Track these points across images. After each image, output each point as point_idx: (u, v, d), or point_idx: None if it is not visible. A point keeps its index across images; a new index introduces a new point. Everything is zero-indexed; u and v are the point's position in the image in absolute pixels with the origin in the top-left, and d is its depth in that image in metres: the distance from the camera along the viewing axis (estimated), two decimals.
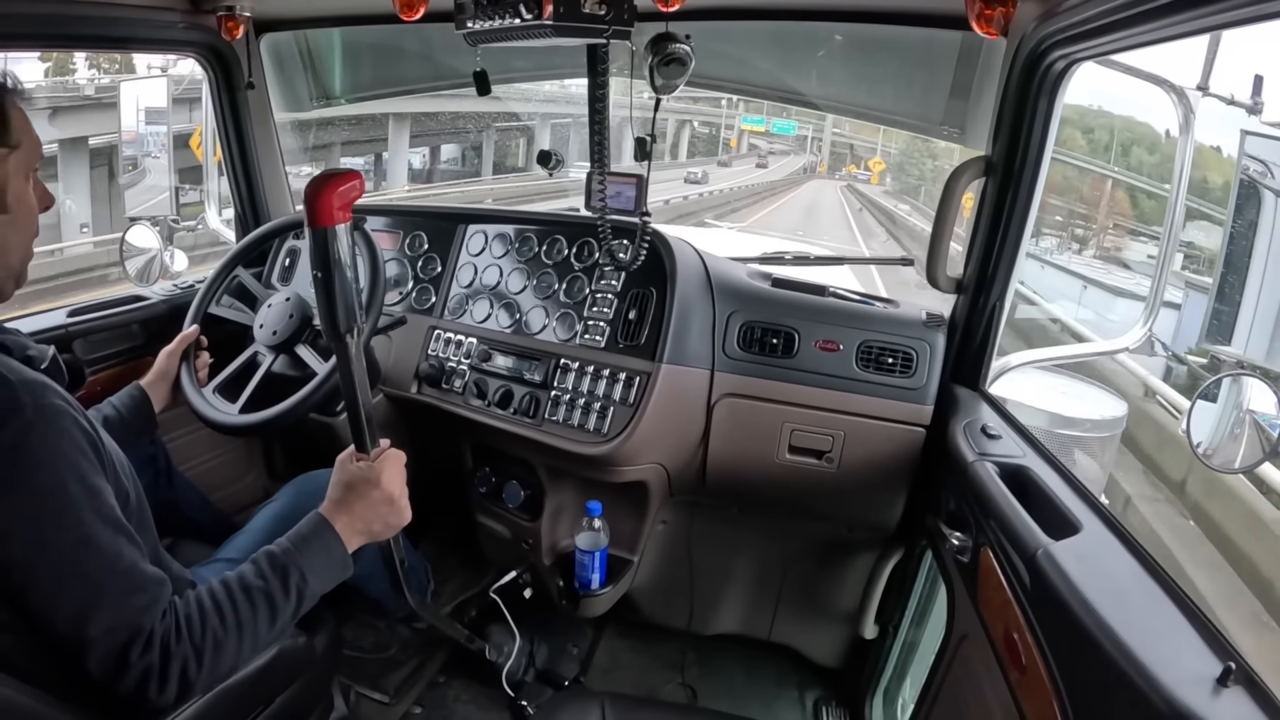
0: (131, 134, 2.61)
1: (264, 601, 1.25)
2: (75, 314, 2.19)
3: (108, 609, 1.11)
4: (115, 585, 1.13)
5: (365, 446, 1.46)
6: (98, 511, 1.14)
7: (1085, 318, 8.30)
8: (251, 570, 1.28)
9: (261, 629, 1.25)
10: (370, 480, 1.43)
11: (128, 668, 1.11)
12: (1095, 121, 12.90)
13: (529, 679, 2.37)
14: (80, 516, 1.12)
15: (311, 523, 1.38)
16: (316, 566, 1.33)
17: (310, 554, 1.33)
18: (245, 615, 1.23)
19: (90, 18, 1.98)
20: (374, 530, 1.45)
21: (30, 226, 1.29)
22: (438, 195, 19.69)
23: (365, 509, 1.42)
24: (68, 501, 1.11)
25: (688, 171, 37.61)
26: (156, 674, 1.12)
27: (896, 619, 2.15)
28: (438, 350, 2.22)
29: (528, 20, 1.55)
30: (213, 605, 1.21)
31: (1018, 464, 1.54)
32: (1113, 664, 0.97)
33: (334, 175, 1.29)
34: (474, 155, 26.41)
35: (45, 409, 1.12)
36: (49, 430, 1.12)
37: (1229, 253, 1.44)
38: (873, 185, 45.43)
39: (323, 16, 2.57)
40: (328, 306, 1.37)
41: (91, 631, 1.10)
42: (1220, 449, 1.43)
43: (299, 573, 1.30)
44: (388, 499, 1.44)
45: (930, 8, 1.89)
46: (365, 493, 1.42)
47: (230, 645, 1.20)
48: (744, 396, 1.98)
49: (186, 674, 1.15)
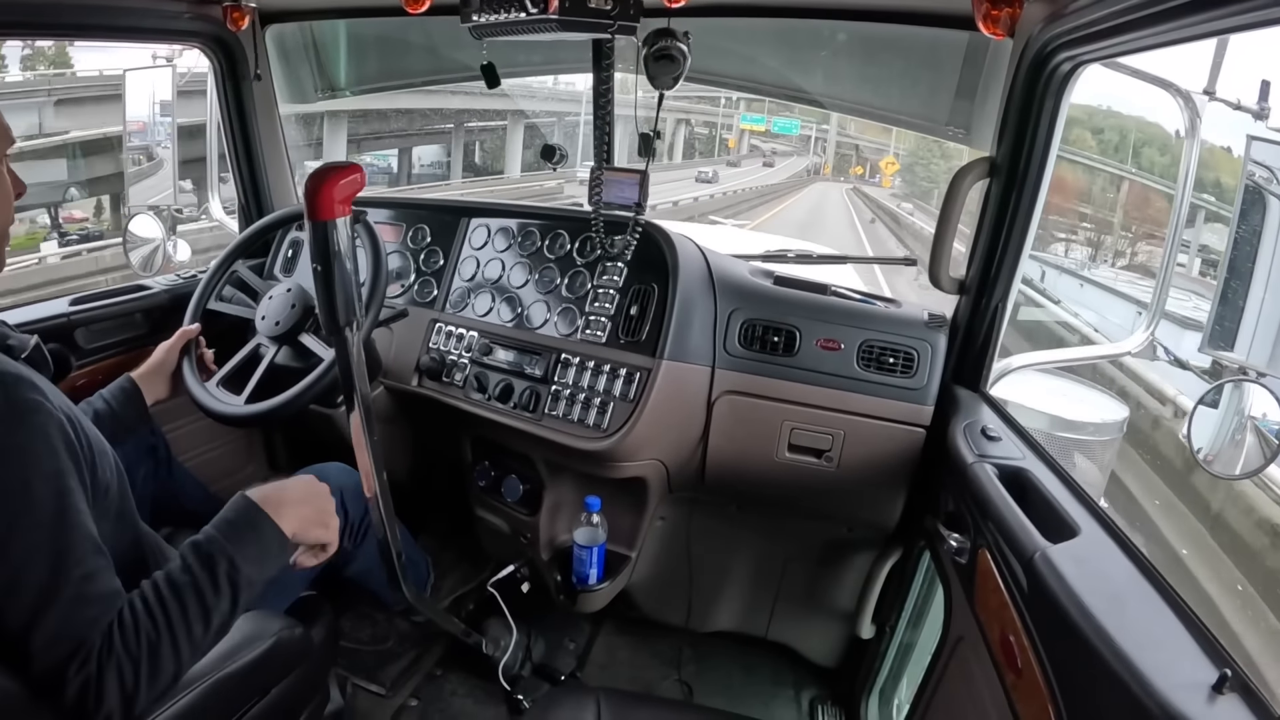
0: (140, 124, 2.61)
1: (194, 597, 1.17)
2: (78, 302, 2.19)
3: (55, 618, 1.06)
4: (67, 595, 1.07)
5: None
6: (62, 516, 1.10)
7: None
8: (178, 566, 1.20)
9: (196, 628, 1.17)
10: (306, 486, 1.43)
11: (65, 682, 1.06)
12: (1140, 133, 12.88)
13: (525, 673, 2.38)
14: (40, 521, 1.08)
15: (235, 506, 1.31)
16: (248, 552, 1.25)
17: (238, 539, 1.26)
18: (175, 615, 1.15)
19: (96, 7, 1.98)
20: (306, 522, 1.38)
21: (6, 213, 1.28)
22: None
23: (298, 501, 1.38)
24: (30, 504, 1.07)
25: (699, 170, 37.78)
26: (93, 688, 1.06)
27: (893, 619, 2.15)
28: (439, 343, 2.22)
29: (533, 14, 1.56)
30: (144, 609, 1.13)
31: (1017, 466, 1.54)
32: (1108, 668, 0.97)
33: (335, 169, 1.29)
34: (441, 156, 25.66)
35: (17, 404, 1.09)
36: (19, 426, 1.09)
37: (1233, 258, 1.44)
38: (884, 188, 43.61)
39: (328, 8, 2.57)
40: (327, 300, 1.37)
41: (36, 641, 1.05)
42: (1221, 455, 1.43)
43: (227, 561, 1.22)
44: (319, 499, 1.43)
45: (937, 8, 1.89)
46: (299, 489, 1.41)
47: (165, 649, 1.12)
48: (744, 394, 1.98)
49: (124, 685, 1.08)
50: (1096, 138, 16.23)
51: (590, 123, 1.97)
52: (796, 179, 50.68)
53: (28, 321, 2.04)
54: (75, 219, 18.75)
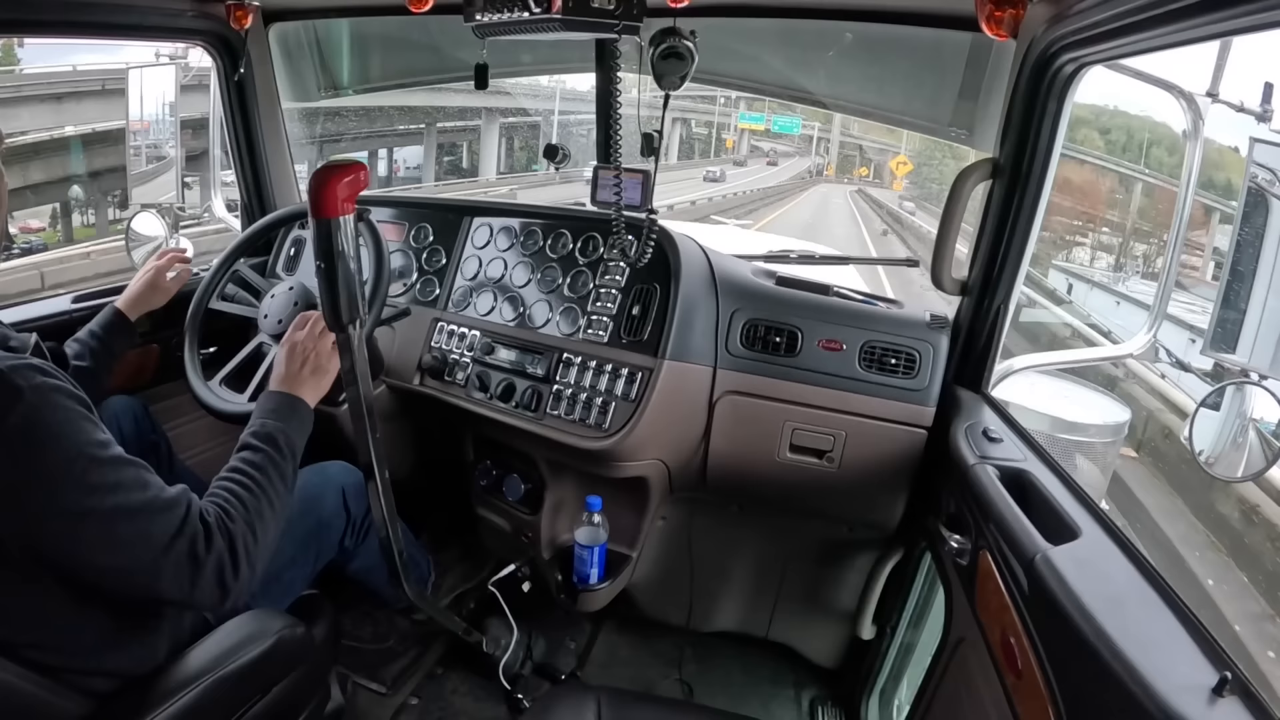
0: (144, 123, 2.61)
1: (270, 465, 1.44)
2: (79, 300, 2.19)
3: (160, 529, 1.20)
4: (157, 506, 1.21)
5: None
6: (115, 458, 1.20)
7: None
8: (245, 449, 1.46)
9: (278, 486, 1.43)
10: (285, 346, 1.70)
11: (201, 565, 1.23)
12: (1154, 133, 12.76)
13: (526, 672, 2.38)
14: (102, 470, 1.17)
15: (269, 397, 1.60)
16: (293, 425, 1.55)
17: (285, 418, 1.54)
18: (262, 480, 1.40)
19: (100, 4, 1.99)
20: (319, 379, 1.69)
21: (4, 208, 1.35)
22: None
23: (302, 371, 1.66)
24: (88, 462, 1.15)
25: (706, 170, 37.59)
26: (228, 559, 1.26)
27: (894, 620, 2.15)
28: (441, 342, 2.22)
29: (537, 14, 1.55)
30: (237, 486, 1.37)
31: (1018, 468, 1.54)
32: (1109, 671, 0.97)
33: (338, 167, 1.29)
34: (411, 157, 24.80)
35: (40, 388, 1.14)
36: (50, 405, 1.15)
37: (1235, 260, 1.44)
38: (895, 190, 40.40)
39: (331, 7, 2.58)
40: (330, 298, 1.37)
41: (156, 554, 1.19)
42: (1223, 457, 1.43)
43: (283, 434, 1.50)
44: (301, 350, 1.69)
45: (940, 9, 1.89)
46: (295, 352, 1.68)
47: (267, 512, 1.38)
48: (746, 394, 1.98)
49: (248, 549, 1.30)
50: (1106, 138, 16.11)
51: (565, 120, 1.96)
52: (797, 180, 48.38)
53: (29, 319, 2.05)
54: (31, 229, 18.31)
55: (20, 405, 1.11)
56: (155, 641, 1.40)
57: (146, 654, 1.38)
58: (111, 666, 1.33)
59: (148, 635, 1.38)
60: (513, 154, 26.84)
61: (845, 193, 45.97)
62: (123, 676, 1.34)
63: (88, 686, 1.29)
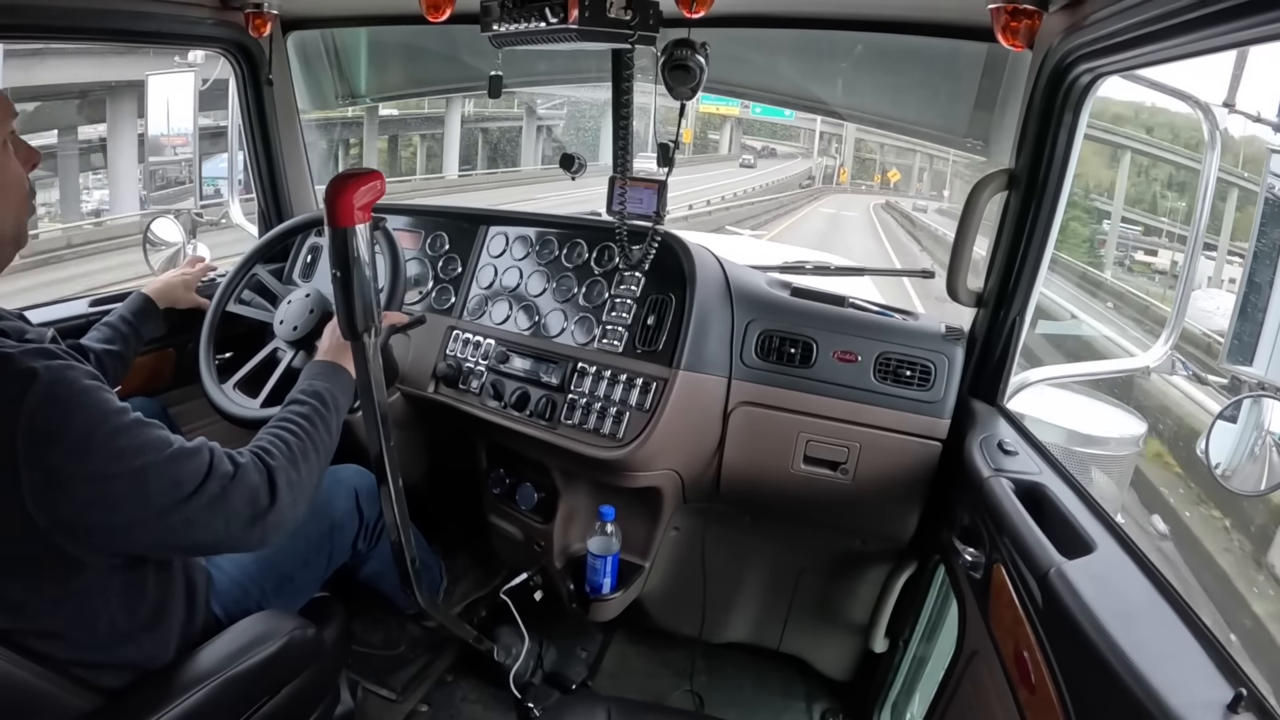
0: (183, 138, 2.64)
1: (317, 415, 1.52)
2: (97, 304, 2.21)
3: (187, 477, 1.24)
4: (180, 459, 1.24)
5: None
6: (135, 422, 1.22)
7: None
8: (291, 404, 1.55)
9: (322, 434, 1.51)
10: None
11: (229, 494, 1.27)
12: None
13: (536, 681, 2.37)
14: (127, 434, 1.19)
15: (317, 364, 1.68)
16: (340, 386, 1.63)
17: (332, 380, 1.62)
18: (308, 427, 1.48)
19: (120, 11, 2.01)
20: (339, 346, 1.71)
21: (17, 195, 1.32)
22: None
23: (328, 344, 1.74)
24: (110, 428, 1.18)
25: (743, 158, 36.98)
26: (264, 486, 1.32)
27: (907, 633, 2.14)
28: (456, 351, 2.22)
29: (553, 24, 1.56)
30: (282, 430, 1.45)
31: (1033, 481, 1.53)
32: (1122, 686, 0.96)
33: (355, 175, 1.30)
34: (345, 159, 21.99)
35: (54, 367, 1.16)
36: (64, 381, 1.16)
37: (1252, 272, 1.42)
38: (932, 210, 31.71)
39: (349, 16, 2.59)
40: (346, 306, 1.38)
41: (188, 496, 1.23)
42: (1239, 471, 1.42)
43: (330, 395, 1.58)
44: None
45: (956, 19, 1.89)
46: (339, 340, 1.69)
47: (310, 453, 1.45)
48: (760, 405, 1.98)
49: (290, 481, 1.36)
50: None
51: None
52: (791, 190, 38.12)
53: (47, 322, 2.06)
54: None
55: (36, 385, 1.12)
56: (167, 638, 1.40)
57: (158, 650, 1.39)
58: (123, 661, 1.33)
59: (159, 631, 1.39)
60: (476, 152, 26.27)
61: (868, 207, 36.33)
62: (134, 672, 1.35)
63: (99, 682, 1.29)
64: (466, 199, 15.96)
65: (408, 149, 24.90)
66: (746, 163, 38.95)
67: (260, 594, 1.64)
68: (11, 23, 1.84)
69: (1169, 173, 16.51)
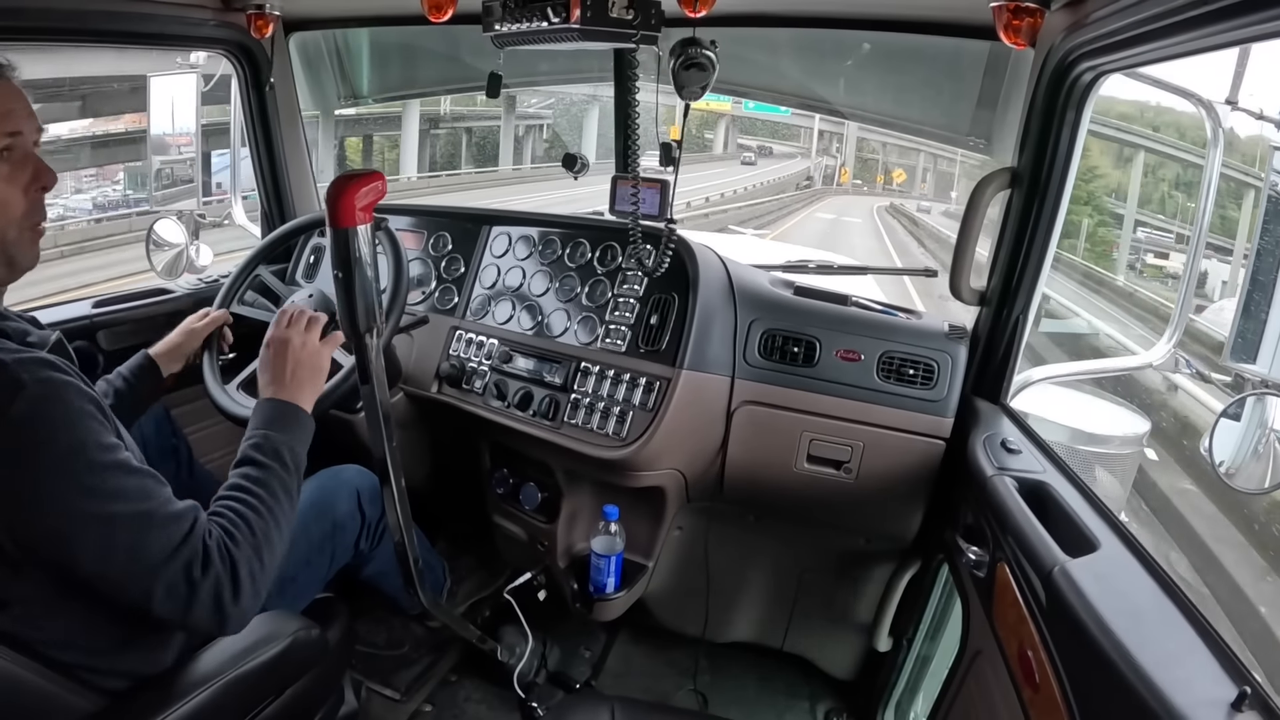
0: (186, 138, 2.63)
1: (277, 482, 1.38)
2: (100, 305, 2.21)
3: (156, 545, 1.16)
4: (155, 521, 1.17)
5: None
6: (119, 464, 1.17)
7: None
8: (248, 466, 1.40)
9: (285, 506, 1.37)
10: (275, 347, 1.61)
11: (197, 588, 1.18)
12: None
13: (540, 681, 2.37)
14: (105, 472, 1.15)
15: (264, 407, 1.51)
16: (296, 435, 1.48)
17: (283, 427, 1.47)
18: (269, 500, 1.34)
19: (122, 13, 2.01)
20: (306, 380, 1.59)
21: (9, 209, 1.25)
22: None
23: (288, 369, 1.57)
24: (89, 461, 1.14)
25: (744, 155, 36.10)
26: (228, 583, 1.21)
27: (911, 632, 2.13)
28: (459, 350, 2.22)
29: (555, 24, 1.56)
30: (241, 504, 1.31)
31: (1037, 479, 1.53)
32: (1127, 685, 0.96)
33: (356, 176, 1.30)
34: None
35: (45, 382, 1.13)
36: (54, 400, 1.13)
37: (1255, 270, 1.42)
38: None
39: (351, 16, 2.60)
40: (347, 306, 1.38)
41: (149, 570, 1.15)
42: (1243, 469, 1.42)
43: (287, 448, 1.43)
44: (291, 347, 1.60)
45: (958, 18, 1.89)
46: (278, 357, 1.59)
47: (272, 532, 1.32)
48: (764, 404, 1.98)
49: (253, 575, 1.25)
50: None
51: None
52: (790, 187, 37.84)
53: (51, 323, 2.06)
54: None
55: (22, 397, 1.10)
56: (170, 641, 1.40)
57: (161, 653, 1.38)
58: (126, 665, 1.33)
59: (163, 634, 1.38)
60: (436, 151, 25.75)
61: (872, 211, 34.70)
62: (137, 675, 1.34)
63: (102, 684, 1.29)
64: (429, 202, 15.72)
65: (355, 152, 23.81)
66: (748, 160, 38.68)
67: None
68: (13, 25, 1.83)
69: (1182, 172, 16.43)
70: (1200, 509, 6.22)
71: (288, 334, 1.62)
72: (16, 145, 1.26)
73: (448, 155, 26.16)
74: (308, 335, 1.64)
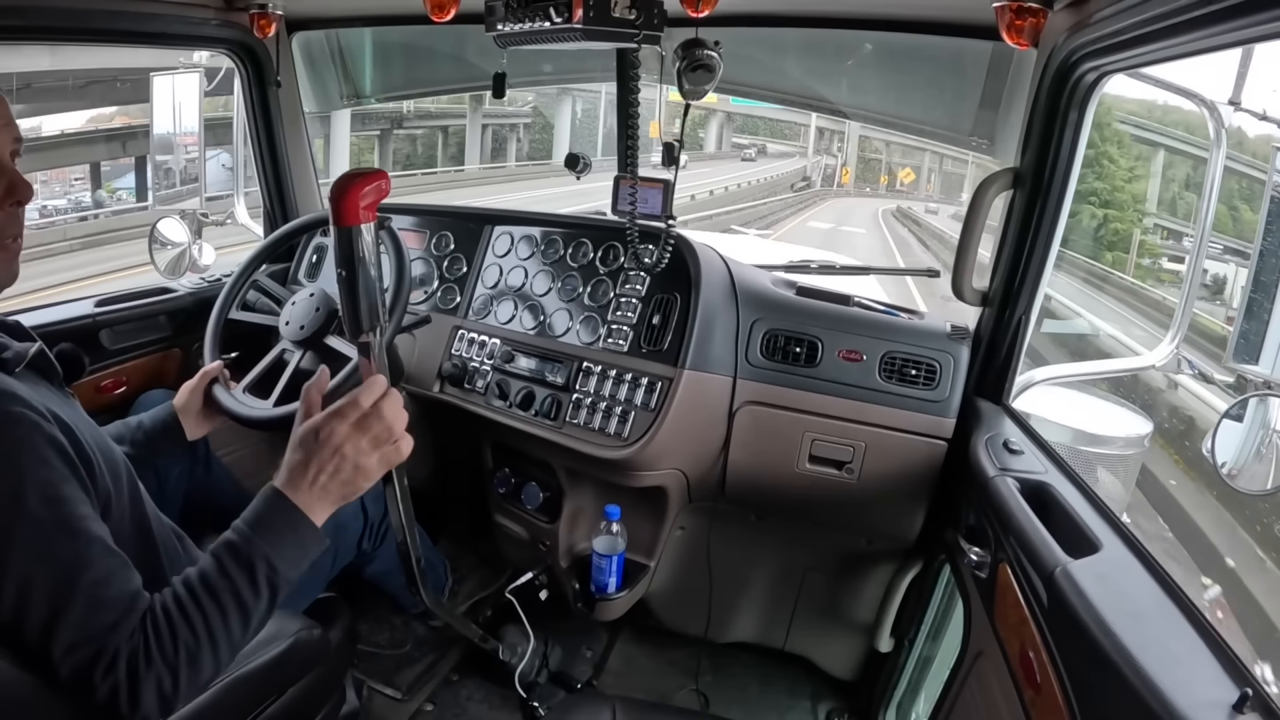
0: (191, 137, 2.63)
1: (233, 602, 1.14)
2: (103, 304, 2.21)
3: (70, 626, 1.04)
4: (78, 601, 1.05)
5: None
6: (64, 526, 1.08)
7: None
8: (213, 567, 1.15)
9: (235, 631, 1.14)
10: (337, 418, 1.28)
11: (93, 688, 1.04)
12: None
13: (542, 680, 2.37)
14: (39, 532, 1.05)
15: (266, 502, 1.23)
16: (285, 553, 1.19)
17: (275, 539, 1.19)
18: (215, 620, 1.12)
19: (124, 12, 2.02)
20: (353, 484, 1.29)
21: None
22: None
23: (334, 463, 1.27)
24: (22, 515, 1.04)
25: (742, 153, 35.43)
26: (125, 693, 1.04)
27: (912, 633, 2.13)
28: (461, 350, 2.23)
29: (557, 23, 1.56)
30: (179, 613, 1.10)
31: (1039, 480, 1.53)
32: (1128, 686, 0.96)
33: (360, 175, 1.30)
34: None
35: (3, 417, 1.06)
36: (2, 441, 1.06)
37: (1258, 271, 1.42)
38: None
39: (354, 16, 2.60)
40: (351, 305, 1.38)
41: (55, 649, 1.04)
42: (1246, 470, 1.42)
43: (265, 563, 1.16)
44: (373, 438, 1.31)
45: (961, 18, 1.89)
46: (330, 441, 1.26)
47: (205, 655, 1.11)
48: (766, 404, 1.98)
49: (163, 691, 1.07)
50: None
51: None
52: (784, 189, 35.00)
53: (53, 322, 2.06)
54: None
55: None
56: None
57: None
58: None
59: None
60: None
61: (876, 216, 31.61)
62: None
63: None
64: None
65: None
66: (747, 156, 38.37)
67: None
68: (16, 24, 1.84)
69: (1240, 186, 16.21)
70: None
71: (349, 434, 1.28)
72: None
73: (404, 156, 25.43)
74: (371, 449, 1.32)
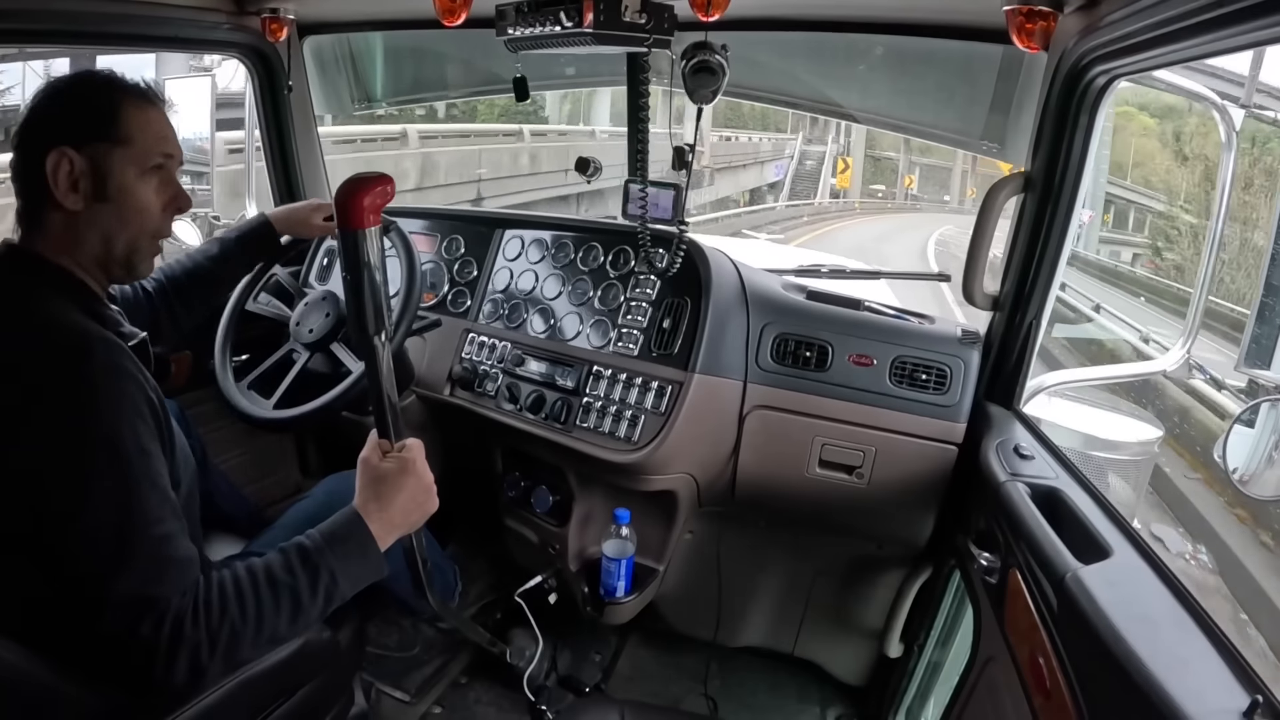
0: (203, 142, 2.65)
1: (289, 598, 1.21)
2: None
3: (132, 573, 1.09)
4: (146, 551, 1.10)
5: (390, 438, 1.43)
6: (146, 475, 1.14)
7: None
8: (280, 563, 1.23)
9: (282, 625, 1.21)
10: (405, 471, 1.39)
11: (135, 639, 1.07)
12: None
13: (550, 684, 2.38)
14: (128, 474, 1.11)
15: (347, 521, 1.32)
16: (350, 570, 1.28)
17: (344, 555, 1.28)
18: (268, 610, 1.18)
19: (137, 17, 2.02)
20: (410, 522, 1.41)
21: (137, 222, 1.32)
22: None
23: (404, 501, 1.37)
24: (118, 457, 1.11)
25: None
26: (163, 653, 1.08)
27: (922, 638, 2.13)
28: (471, 354, 2.23)
29: (568, 28, 1.56)
30: (235, 593, 1.16)
31: (1050, 485, 1.52)
32: (1138, 692, 0.96)
33: (365, 179, 1.30)
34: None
35: (113, 367, 1.14)
36: (113, 384, 1.13)
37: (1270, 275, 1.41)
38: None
39: (365, 20, 2.60)
40: (356, 309, 1.38)
41: (110, 593, 1.07)
42: (1258, 475, 1.41)
43: (329, 574, 1.25)
44: (425, 488, 1.41)
45: (971, 21, 1.88)
46: (401, 484, 1.38)
47: (247, 638, 1.16)
48: (776, 409, 1.98)
49: (198, 660, 1.11)
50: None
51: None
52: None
53: None
54: None
55: (83, 367, 1.11)
56: None
57: None
58: None
59: None
60: None
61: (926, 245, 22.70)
62: None
63: (92, 668, 1.27)
64: None
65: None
66: None
67: None
68: (27, 28, 1.85)
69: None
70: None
71: (419, 472, 1.42)
72: (167, 166, 1.36)
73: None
74: (425, 497, 1.44)
